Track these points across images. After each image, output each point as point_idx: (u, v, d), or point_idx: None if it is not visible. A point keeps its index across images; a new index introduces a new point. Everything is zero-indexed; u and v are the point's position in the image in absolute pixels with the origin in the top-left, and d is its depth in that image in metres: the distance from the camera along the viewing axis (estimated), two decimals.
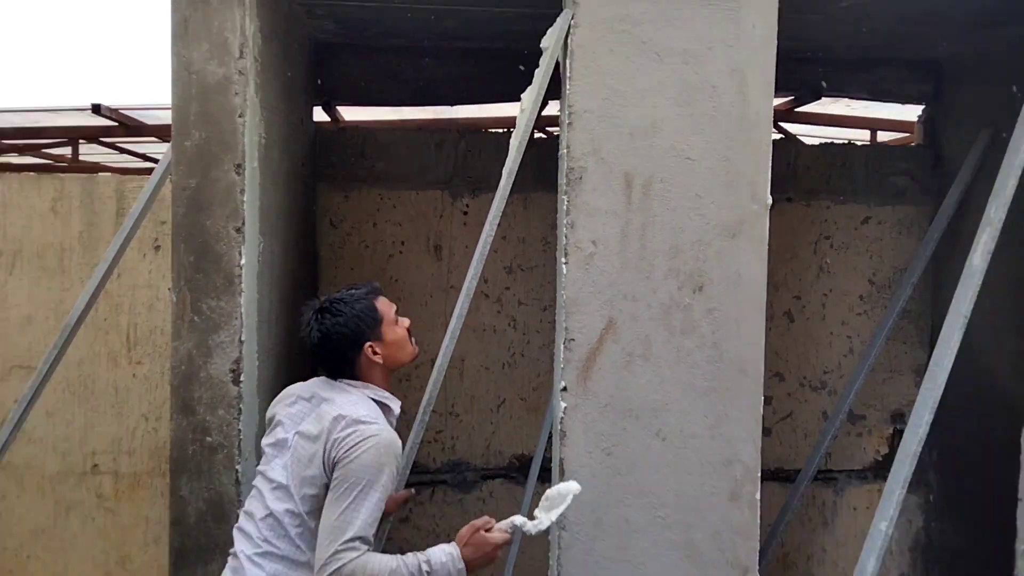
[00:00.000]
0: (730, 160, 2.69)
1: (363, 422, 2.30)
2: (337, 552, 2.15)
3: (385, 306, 2.55)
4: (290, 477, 2.32)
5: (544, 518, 2.35)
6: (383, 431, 2.31)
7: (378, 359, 2.47)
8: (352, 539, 2.17)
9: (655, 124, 2.69)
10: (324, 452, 2.28)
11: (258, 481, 2.41)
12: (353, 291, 2.53)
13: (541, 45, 2.78)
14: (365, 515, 2.20)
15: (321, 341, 2.43)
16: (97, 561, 4.51)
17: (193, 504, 2.88)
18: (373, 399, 2.44)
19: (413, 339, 2.63)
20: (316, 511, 2.28)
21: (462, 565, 2.27)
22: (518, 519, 2.36)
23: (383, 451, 2.26)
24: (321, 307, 2.48)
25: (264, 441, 2.47)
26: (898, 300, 4.16)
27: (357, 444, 2.25)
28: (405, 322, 2.61)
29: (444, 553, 2.27)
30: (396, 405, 2.52)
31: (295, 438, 2.36)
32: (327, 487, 2.27)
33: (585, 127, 2.68)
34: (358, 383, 2.46)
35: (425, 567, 2.23)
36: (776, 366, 4.40)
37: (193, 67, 2.87)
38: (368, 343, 2.45)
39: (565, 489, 2.38)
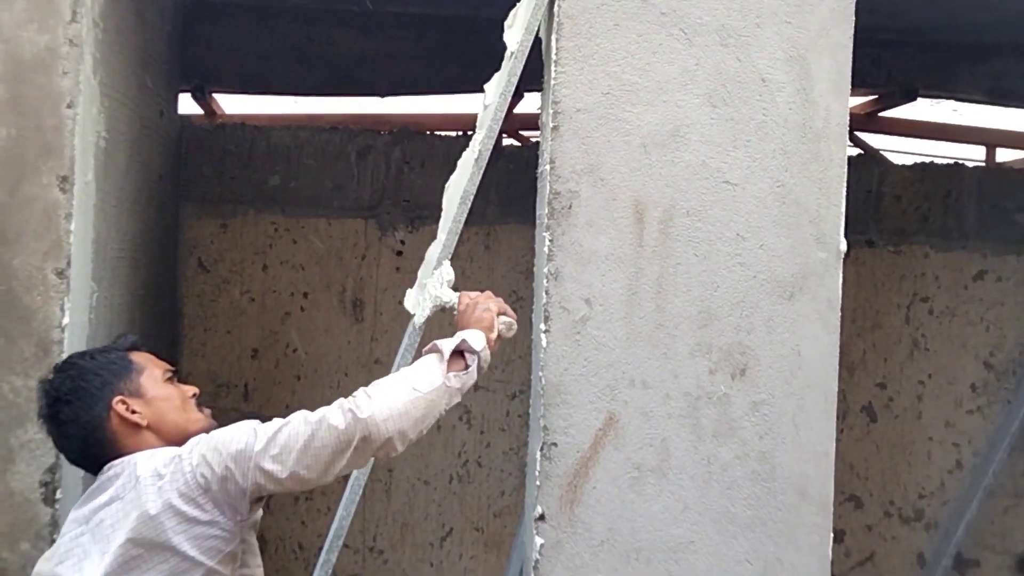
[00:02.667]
0: (786, 186, 2.71)
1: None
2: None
3: (146, 360, 2.50)
4: None
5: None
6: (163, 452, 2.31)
7: (139, 419, 2.38)
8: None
9: (679, 132, 2.70)
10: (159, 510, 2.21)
11: None
12: (99, 346, 2.54)
13: (512, 13, 2.80)
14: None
15: (51, 412, 2.38)
16: None
17: None
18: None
19: (205, 410, 2.55)
20: None
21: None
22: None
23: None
24: (52, 369, 2.46)
25: None
26: None
27: (189, 452, 2.25)
28: (189, 389, 2.54)
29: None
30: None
31: None
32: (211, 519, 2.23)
33: (578, 133, 2.68)
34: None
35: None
36: (851, 486, 4.41)
37: (2, 32, 2.85)
38: (117, 397, 2.38)
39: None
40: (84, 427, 2.35)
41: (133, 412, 2.37)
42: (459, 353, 2.39)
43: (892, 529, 4.46)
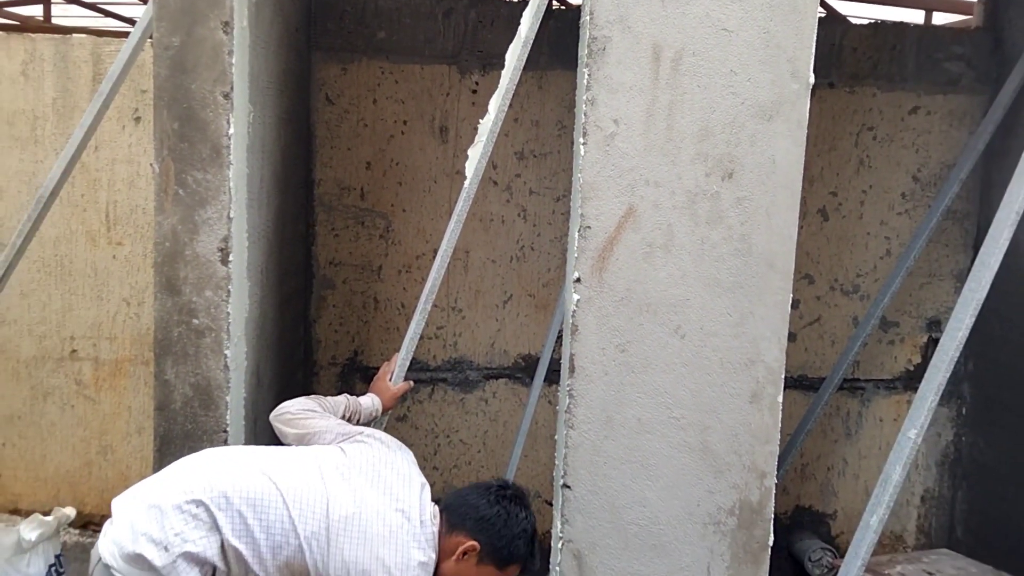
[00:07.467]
0: (770, 32, 2.61)
1: None
2: None
3: (511, 573, 2.52)
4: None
5: None
6: None
7: (452, 560, 2.41)
8: None
9: None
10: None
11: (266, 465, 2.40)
12: (535, 543, 2.54)
13: None
14: None
15: (483, 503, 2.45)
16: (77, 450, 4.63)
17: (179, 389, 2.92)
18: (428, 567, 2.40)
19: None
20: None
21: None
22: None
23: None
24: (517, 496, 2.53)
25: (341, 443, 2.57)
26: (943, 198, 4.12)
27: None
28: None
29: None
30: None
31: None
32: None
33: None
34: (437, 538, 2.43)
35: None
36: (806, 268, 4.40)
37: None
38: (475, 546, 2.41)
39: None
40: (462, 519, 2.45)
41: (460, 558, 2.41)
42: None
43: (835, 299, 4.47)
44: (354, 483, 2.39)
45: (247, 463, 2.36)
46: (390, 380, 2.93)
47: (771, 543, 2.77)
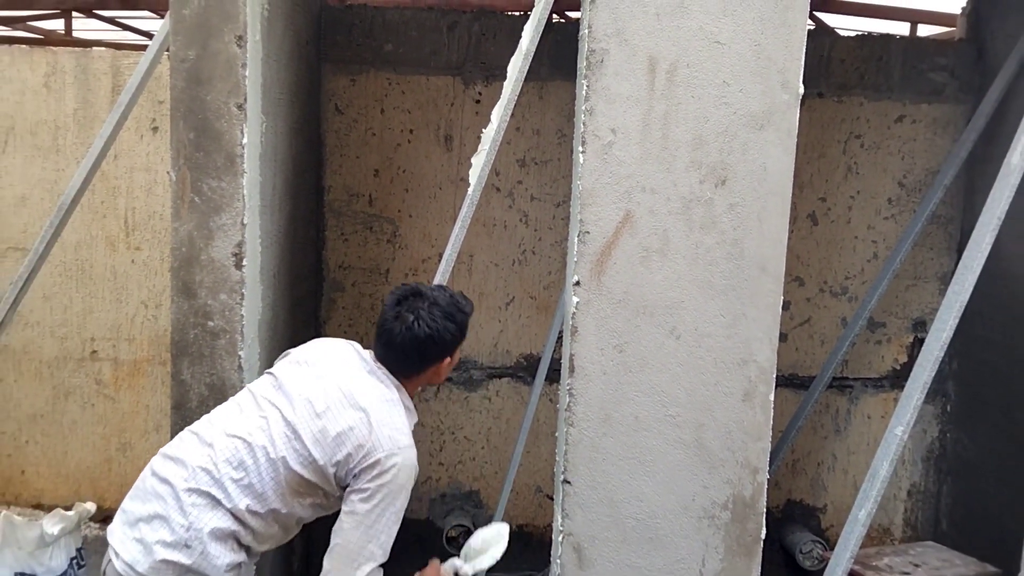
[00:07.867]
0: (761, 45, 2.62)
1: (396, 451, 2.31)
2: None
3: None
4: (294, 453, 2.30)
5: (469, 567, 2.58)
6: (409, 456, 2.34)
7: (437, 376, 2.51)
8: (380, 566, 2.31)
9: (683, 3, 2.60)
10: (344, 460, 2.29)
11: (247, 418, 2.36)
12: (462, 300, 2.55)
13: None
14: (387, 538, 2.31)
15: (427, 338, 2.42)
16: (97, 447, 4.64)
17: (195, 389, 2.93)
18: (405, 406, 2.44)
19: None
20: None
21: None
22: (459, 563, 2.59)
23: (407, 476, 2.34)
24: (435, 301, 2.47)
25: (276, 370, 2.49)
26: (928, 204, 4.12)
27: (387, 470, 2.29)
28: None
29: None
30: (415, 416, 2.52)
31: (310, 421, 2.32)
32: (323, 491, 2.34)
33: (608, 5, 2.60)
34: (402, 389, 2.46)
35: None
36: (796, 271, 4.40)
37: None
38: (447, 360, 2.50)
39: (495, 535, 2.61)
40: (422, 359, 2.46)
41: (441, 369, 2.51)
42: None
43: (824, 301, 4.47)
44: (292, 387, 2.37)
45: (204, 434, 2.34)
46: None
47: (763, 536, 2.77)
